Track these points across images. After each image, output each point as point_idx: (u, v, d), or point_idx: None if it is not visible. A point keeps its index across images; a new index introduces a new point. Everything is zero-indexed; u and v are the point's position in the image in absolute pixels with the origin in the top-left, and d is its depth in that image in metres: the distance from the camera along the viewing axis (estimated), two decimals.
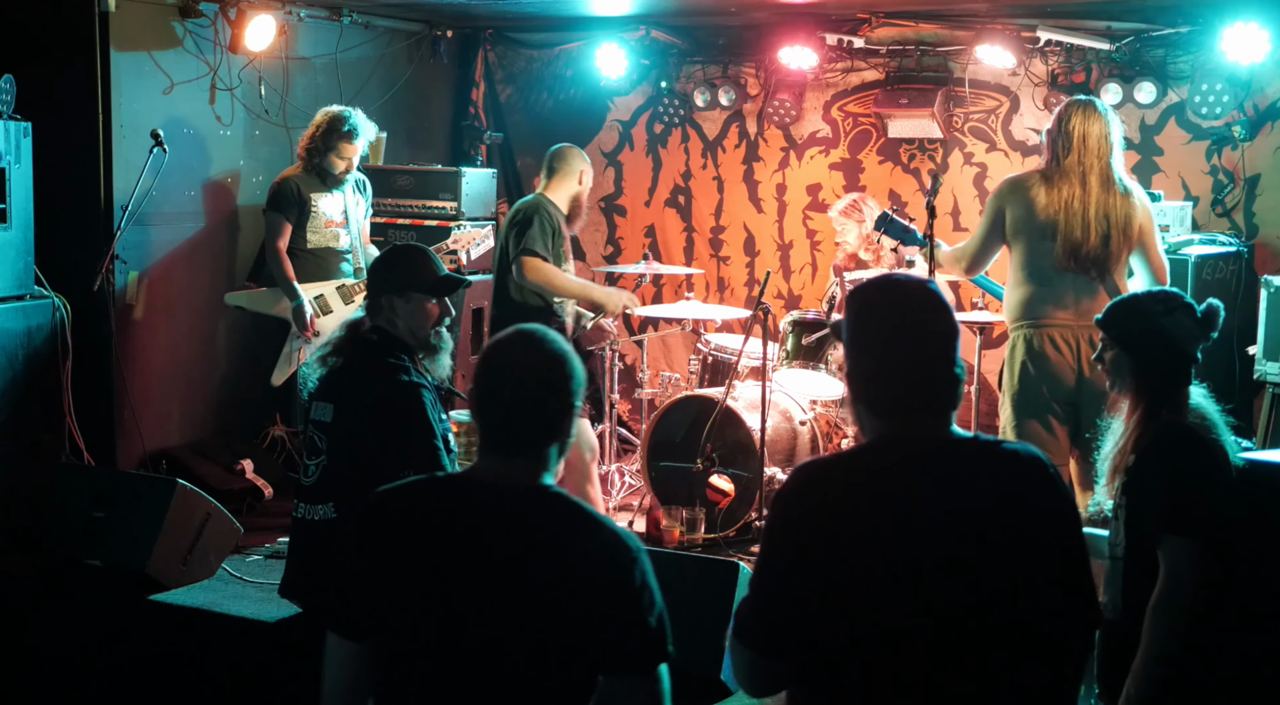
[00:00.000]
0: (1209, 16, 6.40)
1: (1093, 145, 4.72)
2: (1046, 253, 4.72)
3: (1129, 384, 3.12)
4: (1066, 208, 4.68)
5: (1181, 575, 2.86)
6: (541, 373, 2.29)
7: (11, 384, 5.73)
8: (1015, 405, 4.80)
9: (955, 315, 2.30)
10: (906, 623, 2.13)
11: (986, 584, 2.16)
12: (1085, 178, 4.70)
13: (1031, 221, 4.74)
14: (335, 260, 6.36)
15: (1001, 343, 7.29)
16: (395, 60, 7.89)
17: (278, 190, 6.29)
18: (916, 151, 7.42)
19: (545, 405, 2.28)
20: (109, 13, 6.27)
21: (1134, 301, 3.24)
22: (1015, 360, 4.81)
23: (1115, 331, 3.18)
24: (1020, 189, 4.81)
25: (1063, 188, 4.70)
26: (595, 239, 8.30)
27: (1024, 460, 2.27)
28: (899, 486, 2.18)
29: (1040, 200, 4.72)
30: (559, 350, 2.31)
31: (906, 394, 2.23)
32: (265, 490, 6.68)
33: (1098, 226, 4.67)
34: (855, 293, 2.34)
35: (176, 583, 5.07)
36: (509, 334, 2.35)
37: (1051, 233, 4.70)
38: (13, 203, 5.68)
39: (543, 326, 2.38)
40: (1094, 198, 4.68)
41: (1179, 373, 3.12)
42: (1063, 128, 4.74)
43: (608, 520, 2.30)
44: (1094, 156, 4.71)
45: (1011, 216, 4.81)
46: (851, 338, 2.30)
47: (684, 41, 7.82)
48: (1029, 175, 4.86)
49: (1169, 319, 3.11)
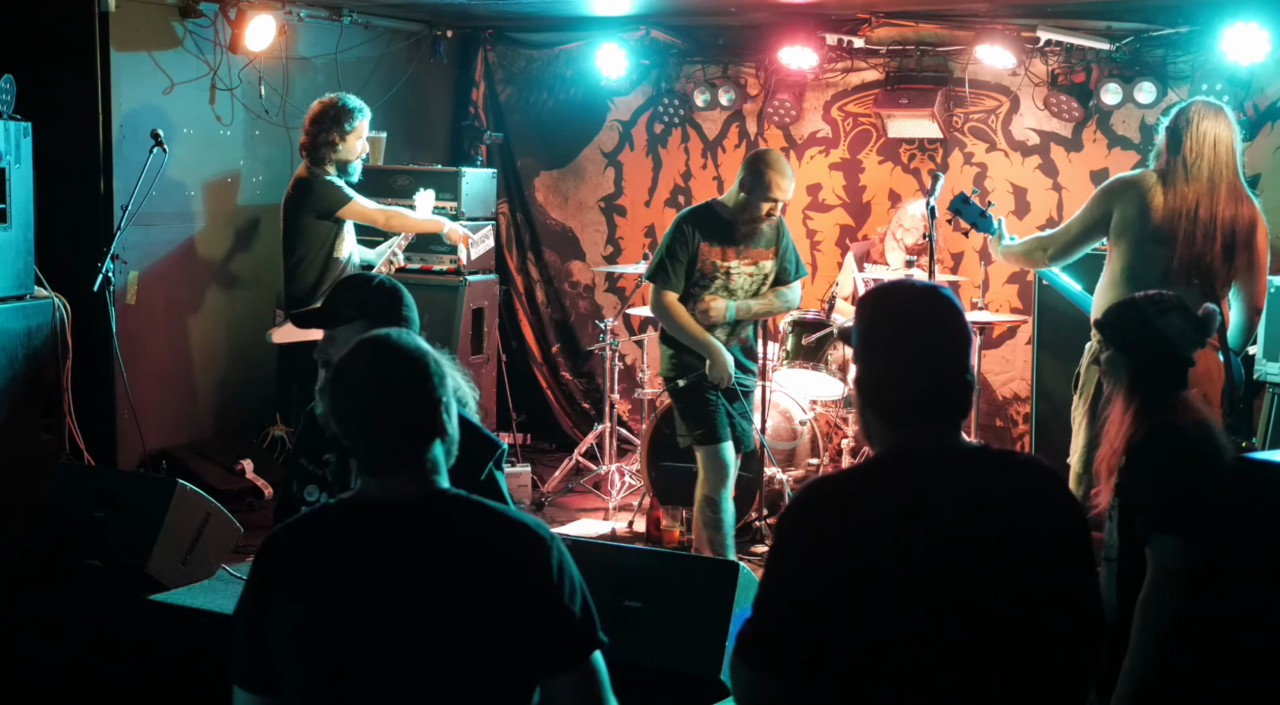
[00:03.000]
0: (1209, 16, 6.40)
1: (1223, 152, 4.46)
2: (1156, 259, 4.46)
3: (1123, 384, 3.13)
4: (1191, 215, 4.42)
5: (1169, 573, 2.87)
6: (394, 380, 2.14)
7: (11, 384, 5.73)
8: (1091, 412, 4.52)
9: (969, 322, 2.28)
10: (920, 638, 2.10)
11: (1000, 597, 2.12)
12: (1215, 185, 4.42)
13: (1144, 224, 4.47)
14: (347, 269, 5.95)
15: (1001, 343, 7.30)
16: (395, 60, 7.89)
17: (323, 191, 5.75)
18: (916, 151, 7.42)
19: (406, 410, 2.14)
20: (109, 13, 6.27)
21: (1130, 302, 3.24)
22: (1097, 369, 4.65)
23: (1110, 332, 3.19)
24: (1135, 188, 4.53)
25: (1188, 193, 4.43)
26: (595, 239, 8.30)
27: (1034, 470, 2.24)
28: (910, 503, 2.14)
29: (1158, 203, 4.45)
30: (409, 349, 2.17)
31: (919, 401, 2.18)
32: (265, 490, 6.68)
33: (1224, 238, 4.42)
34: (869, 298, 2.30)
35: (176, 583, 5.06)
36: (351, 350, 2.19)
37: (1167, 239, 4.45)
38: (13, 203, 5.67)
39: (386, 329, 2.24)
40: (1222, 207, 4.42)
41: (1172, 374, 3.13)
42: (1191, 129, 4.45)
43: (512, 511, 2.19)
44: (1224, 165, 4.45)
45: (1121, 216, 4.53)
46: (864, 343, 2.25)
47: (684, 41, 7.82)
48: (1145, 175, 4.58)
49: (1163, 320, 3.12)
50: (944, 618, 2.11)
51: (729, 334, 5.23)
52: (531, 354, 8.38)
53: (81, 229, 6.31)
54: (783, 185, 5.09)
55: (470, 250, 6.23)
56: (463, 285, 7.17)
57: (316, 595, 2.11)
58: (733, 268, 5.17)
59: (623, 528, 6.41)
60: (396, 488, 2.15)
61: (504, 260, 8.30)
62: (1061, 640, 2.19)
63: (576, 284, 8.39)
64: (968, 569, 2.12)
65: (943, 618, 2.11)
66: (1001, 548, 2.14)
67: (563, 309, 8.40)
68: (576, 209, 8.34)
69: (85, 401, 6.07)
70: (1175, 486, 2.93)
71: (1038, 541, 2.17)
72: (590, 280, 8.35)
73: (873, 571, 2.10)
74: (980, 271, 7.16)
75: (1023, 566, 2.15)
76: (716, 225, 5.16)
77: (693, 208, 5.34)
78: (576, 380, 8.35)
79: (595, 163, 8.24)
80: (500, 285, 7.83)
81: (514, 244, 8.43)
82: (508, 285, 8.29)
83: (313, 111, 5.89)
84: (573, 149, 8.28)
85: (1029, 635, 2.15)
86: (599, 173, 8.24)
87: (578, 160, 8.28)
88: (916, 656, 2.11)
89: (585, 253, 8.32)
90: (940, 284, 2.38)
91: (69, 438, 5.99)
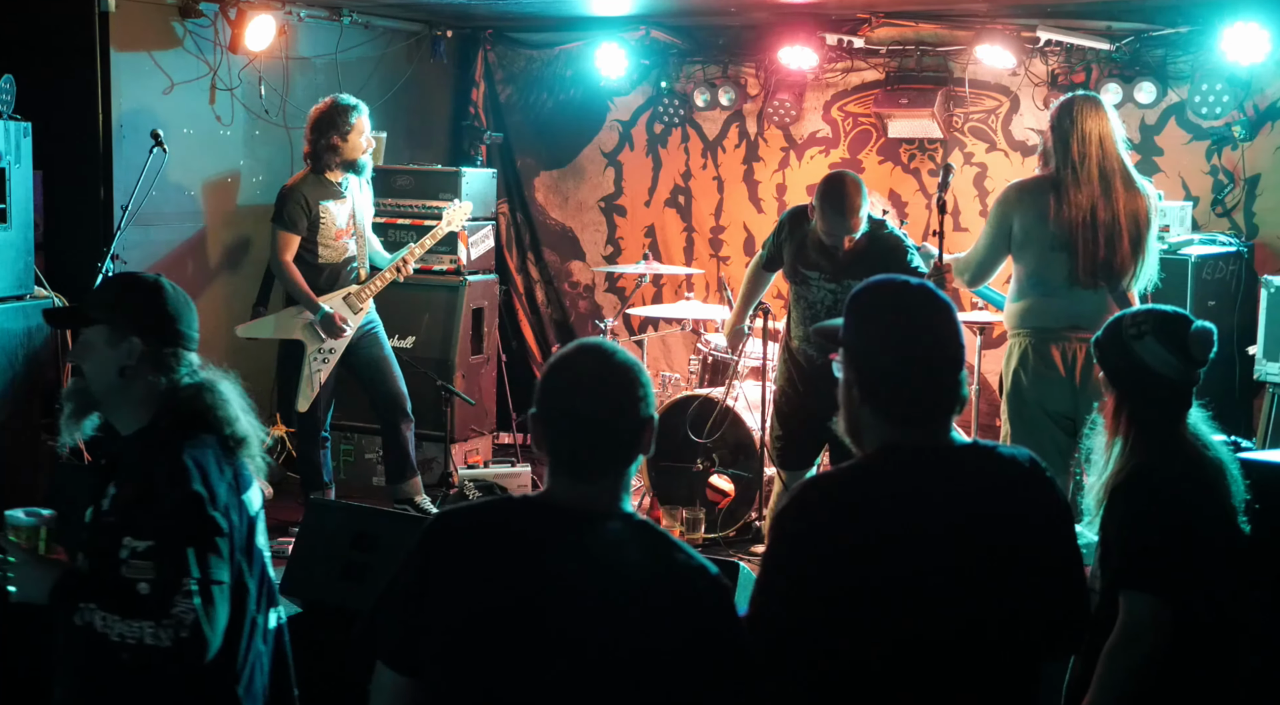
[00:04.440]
0: (1209, 16, 6.40)
1: (1110, 148, 4.48)
2: (1058, 264, 4.50)
3: (1111, 411, 2.87)
4: (1088, 221, 4.43)
5: (1137, 629, 2.65)
6: (613, 389, 2.10)
7: (11, 384, 5.73)
8: (1010, 413, 4.68)
9: (959, 318, 2.29)
10: (915, 633, 2.12)
11: (989, 590, 2.15)
12: (1109, 183, 4.45)
13: (1043, 231, 4.49)
14: (343, 271, 6.04)
15: (1001, 343, 7.30)
16: (395, 60, 7.89)
17: (284, 201, 5.89)
18: (916, 151, 7.41)
19: (623, 423, 2.10)
20: (109, 13, 6.27)
21: (1115, 323, 2.92)
22: (1010, 367, 4.67)
23: (1098, 353, 2.93)
24: (1029, 196, 4.55)
25: (1081, 199, 4.44)
26: (595, 239, 8.30)
27: (1021, 465, 2.27)
28: (904, 500, 2.16)
29: (1053, 209, 4.47)
30: (626, 361, 2.13)
31: (914, 396, 2.21)
32: (265, 490, 6.67)
33: (1130, 233, 4.44)
34: (861, 295, 2.31)
35: None
36: (572, 350, 2.16)
37: (1065, 243, 4.47)
38: (13, 203, 5.67)
39: (601, 339, 2.22)
40: (1122, 204, 4.45)
41: (1162, 404, 2.81)
42: (1075, 131, 4.47)
43: (695, 552, 2.13)
44: (1113, 160, 4.47)
45: (1021, 225, 4.56)
46: (859, 339, 2.27)
47: (684, 41, 7.82)
48: (1037, 181, 4.60)
49: (1140, 345, 2.81)
50: (938, 610, 2.13)
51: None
52: (531, 354, 8.37)
53: (81, 229, 6.31)
54: (833, 222, 4.92)
55: (470, 250, 6.22)
56: (463, 285, 7.17)
57: (485, 588, 2.04)
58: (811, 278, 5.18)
59: None
60: (590, 497, 2.11)
61: (504, 260, 8.30)
62: (1051, 629, 2.22)
63: (576, 284, 8.38)
64: (960, 563, 2.15)
65: (937, 610, 2.13)
66: (992, 539, 2.17)
67: (563, 309, 8.40)
68: (576, 209, 8.34)
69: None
70: (1149, 538, 2.67)
71: (1025, 533, 2.20)
72: (590, 280, 8.34)
73: (869, 569, 2.12)
74: None
75: (1011, 558, 2.18)
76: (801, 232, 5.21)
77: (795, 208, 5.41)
78: None
79: (595, 163, 8.24)
80: (500, 285, 7.83)
81: (514, 244, 8.43)
82: (508, 285, 8.29)
83: (310, 118, 5.96)
84: (573, 149, 8.28)
85: (1020, 625, 2.18)
86: (599, 173, 8.24)
87: (578, 160, 8.27)
88: (910, 649, 2.13)
89: (585, 253, 8.32)
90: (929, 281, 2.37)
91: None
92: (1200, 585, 2.69)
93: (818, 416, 5.03)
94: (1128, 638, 2.66)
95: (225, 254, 7.10)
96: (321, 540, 4.50)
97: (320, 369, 6.01)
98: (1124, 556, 2.70)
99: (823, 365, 5.00)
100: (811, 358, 5.13)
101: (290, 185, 5.98)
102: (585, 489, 2.10)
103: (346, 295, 6.01)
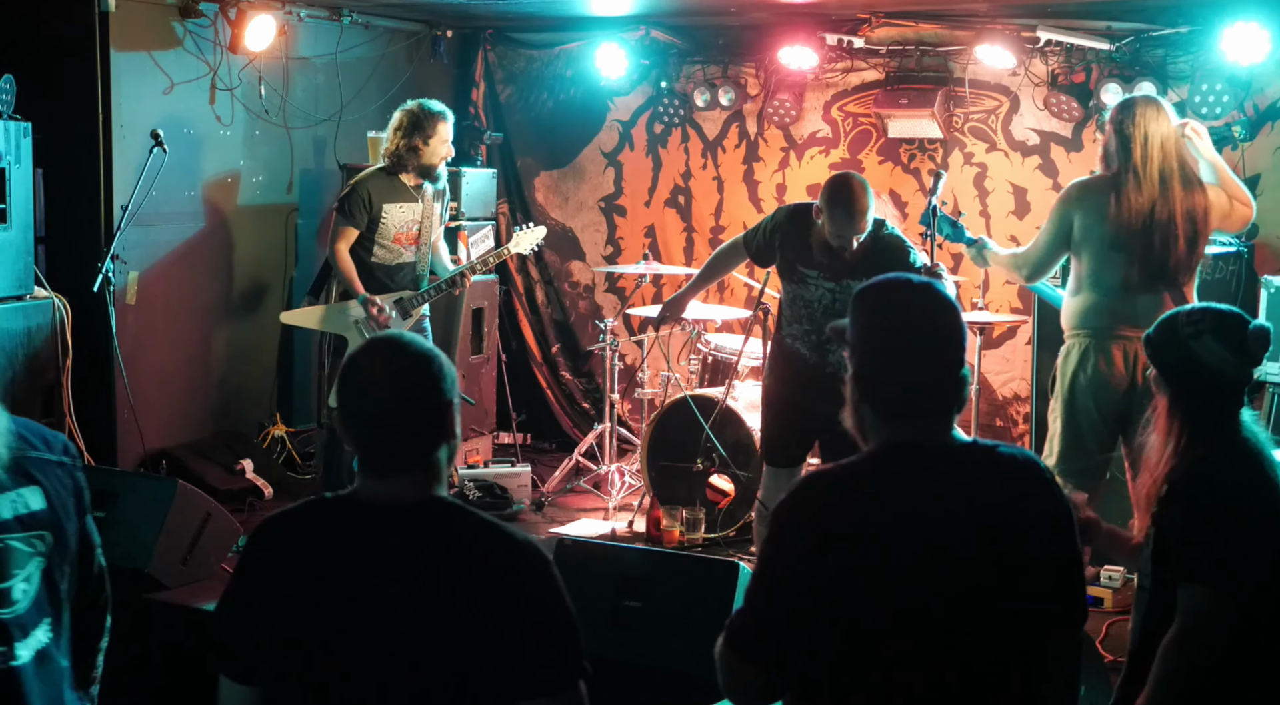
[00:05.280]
0: (1209, 16, 6.40)
1: (1170, 149, 4.50)
2: (1116, 264, 4.53)
3: (1165, 410, 2.86)
4: (1147, 223, 4.46)
5: (1197, 624, 2.67)
6: (402, 385, 2.13)
7: (11, 384, 5.73)
8: (1064, 413, 4.67)
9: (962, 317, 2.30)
10: (913, 629, 2.13)
11: (987, 587, 2.17)
12: (1168, 184, 4.47)
13: (1102, 231, 4.53)
14: (398, 275, 5.90)
15: (1002, 343, 7.31)
16: (395, 60, 7.90)
17: (350, 193, 5.82)
18: (916, 151, 7.42)
19: (417, 413, 2.13)
20: (109, 13, 6.27)
21: (1169, 321, 2.90)
22: (1068, 369, 4.67)
23: (1150, 351, 2.92)
24: (1091, 195, 4.58)
25: (1142, 201, 4.47)
26: (595, 239, 8.31)
27: (1021, 464, 2.28)
28: (904, 497, 2.17)
29: (1113, 209, 4.51)
30: (417, 351, 2.16)
31: (916, 394, 2.22)
32: (265, 490, 6.69)
33: (1186, 232, 4.47)
34: (865, 293, 2.32)
35: (176, 582, 5.07)
36: (361, 349, 2.20)
37: (1125, 244, 4.50)
38: (13, 203, 5.67)
39: (396, 332, 2.25)
40: (1179, 203, 4.47)
41: (1219, 403, 2.82)
42: (1136, 133, 4.51)
43: (511, 528, 2.17)
44: (1172, 160, 4.50)
45: (1082, 223, 4.59)
46: (862, 337, 2.28)
47: (684, 41, 7.82)
48: (1099, 180, 4.63)
49: (1198, 343, 2.81)
50: (936, 607, 2.14)
51: None
52: (531, 354, 8.38)
53: (81, 229, 6.31)
54: (842, 224, 4.82)
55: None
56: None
57: (303, 590, 2.10)
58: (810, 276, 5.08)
59: (623, 528, 6.41)
60: (396, 489, 2.14)
61: (504, 260, 8.29)
62: (1049, 626, 2.23)
63: (576, 284, 8.39)
64: (959, 559, 2.16)
65: (934, 607, 2.14)
66: (991, 538, 2.19)
67: (563, 309, 8.40)
68: (576, 209, 8.34)
69: (85, 401, 6.07)
70: (1210, 533, 2.69)
71: (1025, 530, 2.22)
72: (590, 280, 8.35)
73: (867, 565, 2.13)
74: (980, 272, 7.15)
75: (1011, 555, 2.20)
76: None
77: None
78: (576, 380, 8.35)
79: (595, 163, 8.25)
80: (500, 285, 7.84)
81: None
82: (508, 285, 8.29)
83: (396, 118, 5.88)
84: (573, 149, 8.28)
85: (1018, 622, 2.19)
86: (599, 173, 8.24)
87: (578, 160, 8.28)
88: (908, 647, 2.14)
89: (585, 253, 8.32)
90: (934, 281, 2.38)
91: (69, 438, 5.98)
92: (1261, 579, 2.70)
93: (808, 415, 5.07)
94: (1187, 632, 2.68)
95: (225, 254, 7.11)
96: None
97: None
98: (1186, 551, 2.71)
99: (815, 365, 5.01)
100: (804, 357, 5.07)
101: (359, 178, 5.89)
102: (391, 483, 2.14)
103: (399, 299, 5.86)
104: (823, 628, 2.12)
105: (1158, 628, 2.74)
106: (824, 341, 4.96)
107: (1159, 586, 2.79)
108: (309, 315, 6.12)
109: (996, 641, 2.18)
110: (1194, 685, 2.69)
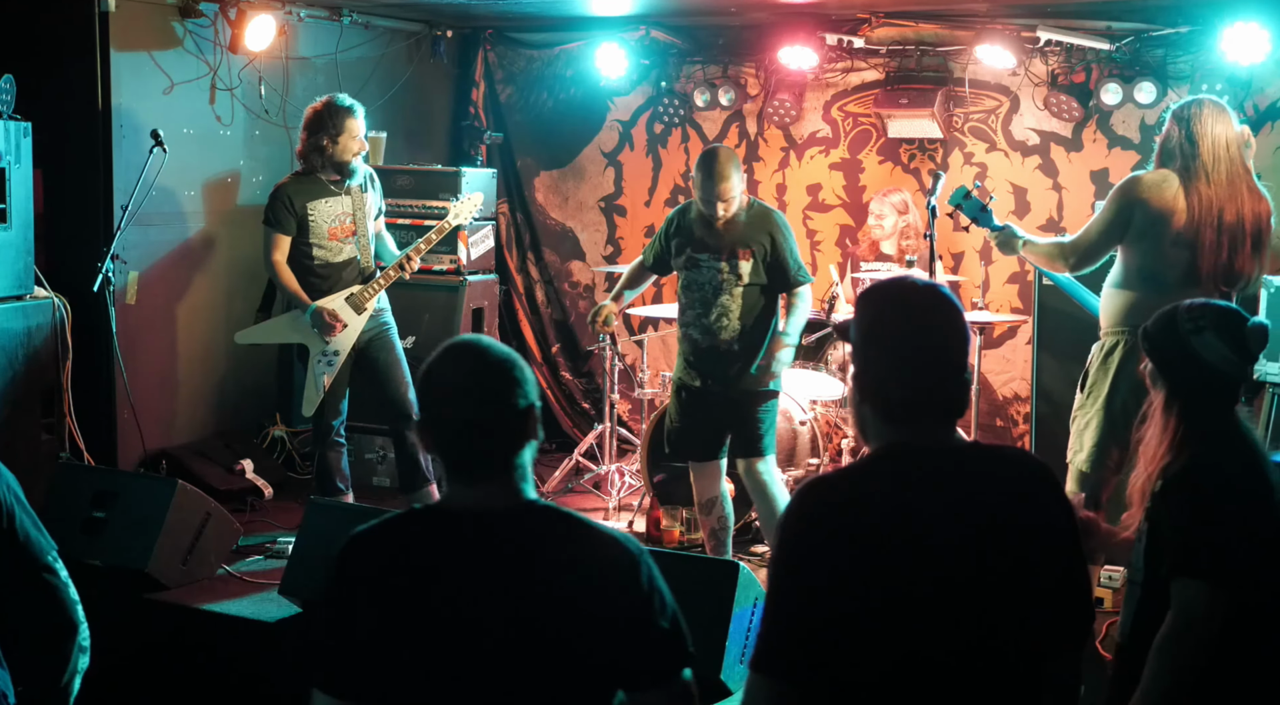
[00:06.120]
0: (1209, 16, 6.40)
1: (1235, 154, 4.44)
2: (1176, 262, 4.43)
3: (1162, 404, 2.86)
4: (1216, 222, 4.38)
5: (1191, 619, 2.67)
6: (488, 388, 2.13)
7: (11, 384, 5.73)
8: (1102, 411, 4.53)
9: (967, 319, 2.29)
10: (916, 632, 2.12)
11: (990, 589, 2.15)
12: (1236, 187, 4.40)
13: (1166, 227, 4.42)
14: (344, 272, 5.82)
15: (1002, 343, 7.31)
16: (395, 60, 7.90)
17: (271, 201, 5.75)
18: (916, 151, 7.42)
19: (504, 418, 2.13)
20: (109, 13, 6.27)
21: (1169, 316, 2.91)
22: (1110, 367, 4.52)
23: (1148, 345, 2.92)
24: (1156, 190, 4.47)
25: (1212, 198, 4.39)
26: (595, 239, 8.31)
27: (1023, 465, 2.27)
28: (909, 499, 2.16)
29: (1180, 205, 4.41)
30: (499, 356, 2.16)
31: (918, 396, 2.20)
32: (265, 490, 6.69)
33: (1253, 236, 4.40)
34: (869, 293, 2.30)
35: (176, 582, 5.08)
36: (443, 354, 2.19)
37: (1189, 244, 4.41)
38: (13, 203, 5.68)
39: (476, 335, 2.24)
40: (1248, 207, 4.40)
41: (1216, 398, 2.84)
42: (1205, 131, 4.42)
43: (603, 525, 2.20)
44: (1239, 165, 4.43)
45: (1144, 217, 4.47)
46: (864, 338, 2.26)
47: (684, 41, 7.83)
48: (1165, 175, 4.50)
49: (1198, 339, 2.82)
50: (939, 609, 2.12)
51: None
52: (531, 354, 8.38)
53: (81, 229, 6.31)
54: (704, 187, 5.06)
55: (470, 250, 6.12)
56: (463, 285, 7.18)
57: (403, 605, 2.09)
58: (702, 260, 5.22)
59: (623, 528, 6.41)
60: (486, 496, 2.14)
61: (504, 260, 8.30)
62: (1055, 630, 2.22)
63: (576, 284, 8.39)
64: (960, 561, 2.15)
65: (937, 609, 2.12)
66: (996, 542, 2.17)
67: (563, 309, 8.41)
68: (576, 209, 8.34)
69: (85, 401, 6.07)
70: (1206, 529, 2.69)
71: (1030, 534, 2.20)
72: (590, 280, 8.35)
73: (875, 571, 2.12)
74: (980, 271, 7.16)
75: (1016, 559, 2.18)
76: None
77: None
78: (576, 380, 8.35)
79: (595, 163, 8.25)
80: (500, 285, 7.84)
81: (514, 244, 8.43)
82: (508, 285, 8.29)
83: (305, 117, 5.80)
84: (573, 149, 8.28)
85: (1024, 626, 2.18)
86: (599, 173, 8.24)
87: (578, 160, 8.28)
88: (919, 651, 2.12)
89: (585, 253, 8.33)
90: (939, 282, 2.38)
91: (69, 438, 5.99)
92: (1257, 575, 2.70)
93: (714, 403, 5.13)
94: (1179, 629, 2.68)
95: (225, 254, 7.10)
96: (321, 540, 4.50)
97: (325, 372, 5.79)
98: (1181, 545, 2.71)
99: (709, 348, 5.16)
100: (696, 341, 5.17)
101: (278, 185, 5.84)
102: (481, 489, 2.15)
103: (349, 295, 5.79)
104: (838, 637, 2.10)
105: (1149, 623, 2.74)
106: (713, 322, 5.13)
107: (1151, 581, 2.78)
108: (265, 332, 6.12)
109: (1003, 642, 2.16)
110: (1189, 681, 2.68)
